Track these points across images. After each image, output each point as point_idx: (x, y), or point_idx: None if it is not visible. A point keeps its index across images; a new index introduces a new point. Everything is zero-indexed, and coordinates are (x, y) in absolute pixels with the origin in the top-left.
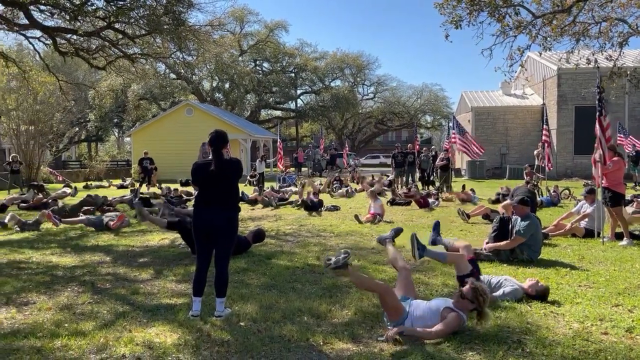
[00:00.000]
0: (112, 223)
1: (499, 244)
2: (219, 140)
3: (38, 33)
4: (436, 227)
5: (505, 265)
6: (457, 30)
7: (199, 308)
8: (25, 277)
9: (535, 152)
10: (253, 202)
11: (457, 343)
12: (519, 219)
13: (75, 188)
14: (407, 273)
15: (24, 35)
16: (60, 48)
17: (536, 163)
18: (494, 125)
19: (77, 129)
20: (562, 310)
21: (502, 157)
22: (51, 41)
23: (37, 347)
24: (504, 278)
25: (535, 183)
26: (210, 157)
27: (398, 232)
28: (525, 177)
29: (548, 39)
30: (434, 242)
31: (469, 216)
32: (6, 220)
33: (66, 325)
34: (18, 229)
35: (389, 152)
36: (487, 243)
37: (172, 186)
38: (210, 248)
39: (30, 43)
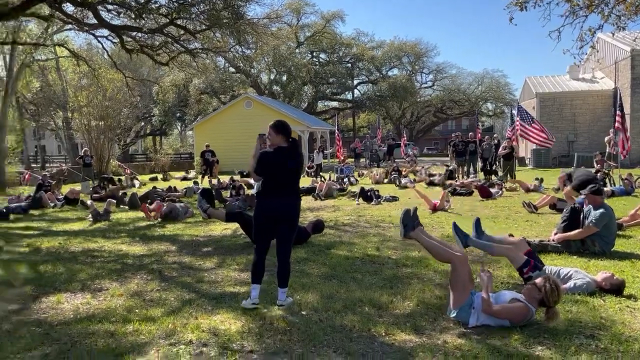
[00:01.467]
0: (152, 214)
1: (569, 234)
2: (287, 129)
3: (106, 32)
4: (477, 225)
5: (575, 257)
6: (522, 13)
7: (257, 294)
8: (99, 264)
9: (607, 139)
10: (310, 190)
11: (525, 337)
12: (592, 208)
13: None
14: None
15: (93, 34)
16: (127, 46)
17: (607, 150)
18: (560, 112)
19: (142, 123)
20: (638, 305)
21: (570, 145)
22: (118, 39)
23: (110, 331)
24: (574, 270)
25: (607, 171)
26: (270, 147)
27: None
28: (595, 165)
29: (622, 17)
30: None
31: (536, 208)
32: (88, 203)
33: (137, 311)
34: (92, 219)
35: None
36: (555, 234)
37: (233, 177)
38: (271, 237)
39: (99, 42)
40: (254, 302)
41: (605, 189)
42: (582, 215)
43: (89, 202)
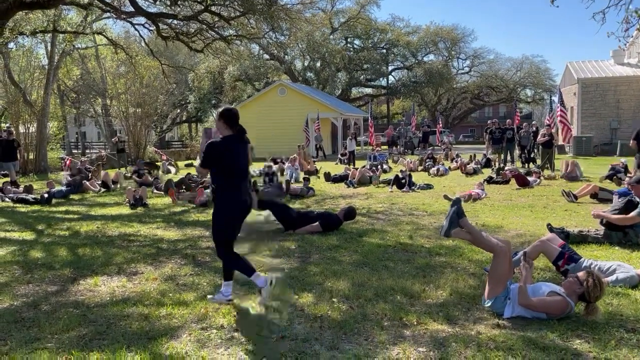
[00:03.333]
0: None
1: (608, 215)
2: (231, 116)
3: (142, 19)
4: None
5: (616, 248)
6: None
7: (263, 281)
8: (134, 249)
9: None
10: (343, 178)
11: (562, 329)
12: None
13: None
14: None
15: (130, 22)
16: (162, 33)
17: None
18: (603, 98)
19: (178, 110)
20: None
21: (612, 132)
22: (154, 27)
23: (144, 314)
24: (617, 264)
25: None
26: (220, 137)
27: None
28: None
29: None
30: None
31: (576, 197)
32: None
33: (170, 295)
34: (128, 204)
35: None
36: (612, 212)
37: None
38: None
39: (136, 29)
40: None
41: None
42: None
43: (128, 187)
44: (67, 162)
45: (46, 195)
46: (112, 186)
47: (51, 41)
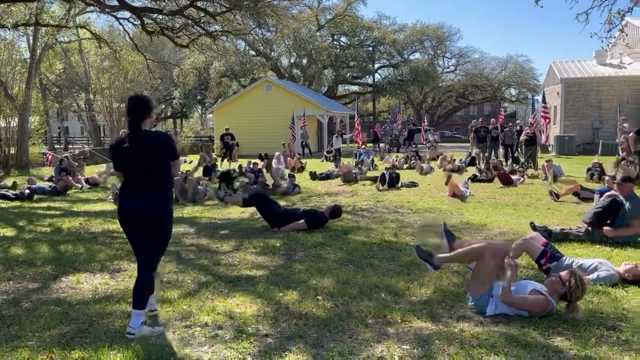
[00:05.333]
0: None
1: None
2: (136, 108)
3: (127, 14)
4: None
5: (597, 246)
6: None
7: (153, 305)
8: (118, 245)
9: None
10: (328, 176)
11: (544, 327)
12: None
13: None
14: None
15: (114, 16)
16: (147, 28)
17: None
18: (586, 98)
19: (163, 106)
20: None
21: (595, 132)
22: (139, 21)
23: (127, 312)
24: (598, 262)
25: (633, 159)
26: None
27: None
28: (620, 153)
29: None
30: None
31: (558, 196)
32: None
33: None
34: (112, 200)
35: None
36: (591, 220)
37: (252, 160)
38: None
39: (120, 24)
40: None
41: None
42: (620, 211)
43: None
44: (50, 157)
45: (27, 192)
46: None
47: (33, 34)
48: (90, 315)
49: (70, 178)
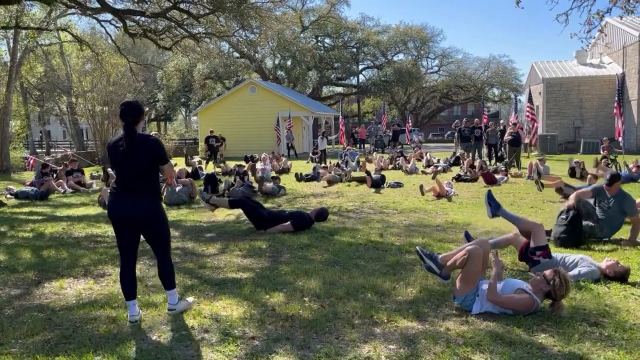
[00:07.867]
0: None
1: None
2: (131, 112)
3: (109, 16)
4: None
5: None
6: None
7: (135, 312)
8: (101, 250)
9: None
10: (313, 178)
11: (528, 324)
12: (614, 197)
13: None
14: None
15: (96, 18)
16: (130, 30)
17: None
18: (567, 97)
19: (147, 108)
20: None
21: (576, 131)
22: (121, 23)
23: (112, 317)
24: (579, 257)
25: (613, 158)
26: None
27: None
28: (601, 152)
29: (630, 0)
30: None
31: (543, 186)
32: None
33: (139, 297)
34: (101, 204)
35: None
36: (557, 236)
37: (238, 162)
38: (133, 242)
39: (102, 26)
40: (132, 319)
41: None
42: (581, 221)
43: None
44: (32, 162)
45: (9, 196)
46: (85, 187)
47: (13, 37)
48: (74, 321)
49: (53, 182)
